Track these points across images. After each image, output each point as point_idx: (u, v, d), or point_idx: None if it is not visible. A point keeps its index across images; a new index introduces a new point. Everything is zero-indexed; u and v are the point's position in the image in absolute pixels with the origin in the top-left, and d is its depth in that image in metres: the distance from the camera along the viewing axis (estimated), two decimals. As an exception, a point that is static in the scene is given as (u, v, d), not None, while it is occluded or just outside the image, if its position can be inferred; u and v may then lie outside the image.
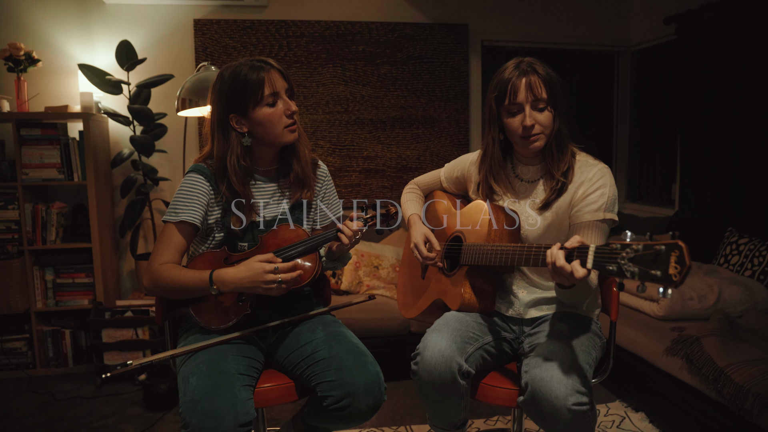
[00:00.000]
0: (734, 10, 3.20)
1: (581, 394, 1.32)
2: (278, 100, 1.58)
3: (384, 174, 3.91)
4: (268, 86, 1.55)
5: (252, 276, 1.48)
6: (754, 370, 2.13)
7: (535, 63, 1.57)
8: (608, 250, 1.14)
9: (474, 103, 3.97)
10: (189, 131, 3.48)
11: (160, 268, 1.55)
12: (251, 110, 1.56)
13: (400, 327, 3.13)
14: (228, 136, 1.59)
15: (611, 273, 1.12)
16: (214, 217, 1.63)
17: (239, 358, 1.51)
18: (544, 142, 1.59)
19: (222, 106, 1.58)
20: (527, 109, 1.55)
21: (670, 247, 1.03)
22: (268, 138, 1.60)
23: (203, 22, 3.52)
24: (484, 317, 1.65)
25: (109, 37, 3.39)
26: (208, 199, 1.61)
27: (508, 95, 1.56)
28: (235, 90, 1.55)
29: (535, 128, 1.56)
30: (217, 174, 1.60)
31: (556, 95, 1.56)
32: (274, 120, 1.58)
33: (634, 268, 1.08)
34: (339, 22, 3.71)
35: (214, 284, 1.50)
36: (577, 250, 1.22)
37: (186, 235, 1.60)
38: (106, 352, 3.08)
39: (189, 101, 2.46)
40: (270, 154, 1.68)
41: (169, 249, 1.58)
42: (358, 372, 1.47)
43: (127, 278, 3.58)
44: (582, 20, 4.06)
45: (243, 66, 1.56)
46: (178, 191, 1.61)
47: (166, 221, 1.60)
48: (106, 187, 3.38)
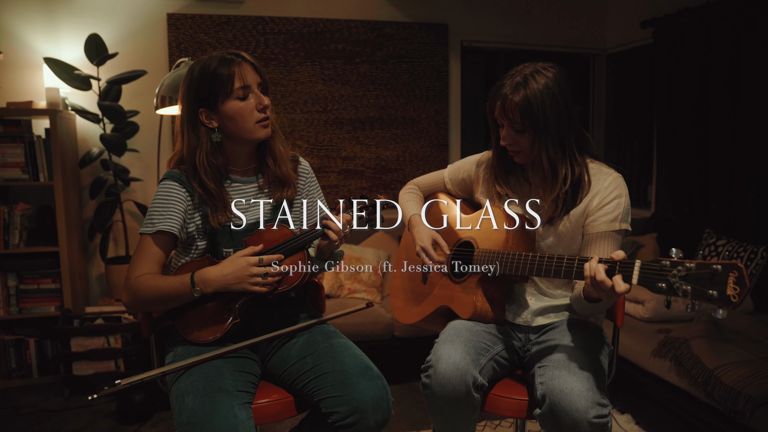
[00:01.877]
0: (711, 15, 3.26)
1: (601, 406, 1.29)
2: (249, 94, 1.51)
3: (363, 175, 3.84)
4: (239, 79, 1.48)
5: (236, 271, 1.41)
6: (743, 371, 2.16)
7: (525, 81, 1.46)
8: (657, 267, 1.11)
9: (453, 103, 3.95)
10: (164, 130, 3.34)
11: (138, 280, 1.46)
12: (221, 104, 1.49)
13: (384, 331, 3.08)
14: (197, 131, 1.51)
15: (660, 290, 1.10)
16: (194, 224, 1.54)
17: (236, 374, 1.42)
18: (528, 160, 1.56)
19: (191, 101, 1.50)
20: (505, 126, 1.52)
21: (727, 267, 1.02)
22: (239, 134, 1.52)
23: (177, 17, 3.38)
24: (495, 326, 1.60)
25: (77, 29, 3.21)
26: (185, 206, 1.52)
27: (490, 107, 1.55)
28: (204, 83, 1.48)
29: (513, 146, 1.53)
30: (188, 172, 1.52)
31: (535, 120, 1.45)
32: (244, 114, 1.50)
33: (687, 287, 1.06)
34: (318, 19, 3.63)
35: (196, 285, 1.41)
36: (619, 264, 1.19)
37: (164, 246, 1.51)
38: (75, 362, 2.91)
39: (169, 99, 2.34)
40: (245, 152, 1.59)
41: (146, 261, 1.48)
42: (365, 386, 1.39)
43: (96, 283, 3.42)
44: (559, 23, 4.09)
45: (213, 59, 1.49)
46: (154, 201, 1.52)
47: (143, 233, 1.51)
48: (74, 188, 3.21)
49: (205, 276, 1.42)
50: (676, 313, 2.74)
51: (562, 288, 1.62)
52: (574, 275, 1.32)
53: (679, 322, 2.73)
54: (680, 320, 2.75)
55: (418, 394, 2.87)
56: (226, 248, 1.54)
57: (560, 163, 1.49)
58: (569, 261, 1.34)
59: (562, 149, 1.50)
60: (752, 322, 2.59)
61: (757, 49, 3.02)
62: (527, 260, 1.44)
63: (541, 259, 1.41)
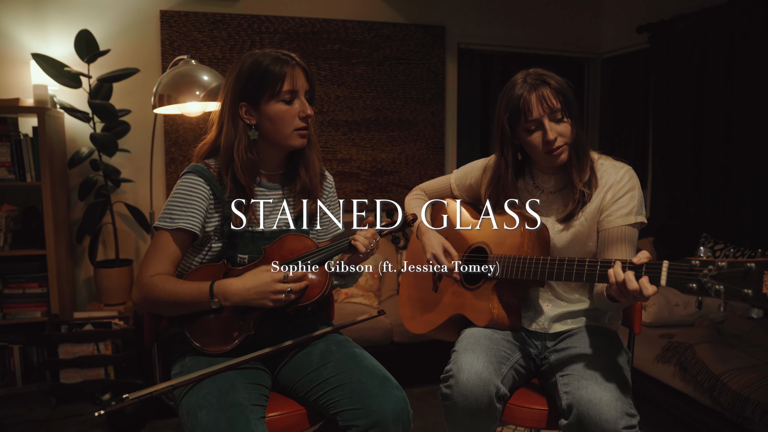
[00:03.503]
0: (707, 21, 3.27)
1: (630, 416, 1.26)
2: (295, 99, 1.45)
3: (358, 177, 3.79)
4: (289, 82, 1.42)
5: (259, 286, 1.34)
6: (750, 377, 2.15)
7: (542, 73, 1.50)
8: (687, 267, 1.07)
9: (450, 106, 3.91)
10: (158, 130, 3.25)
11: (152, 280, 1.39)
12: (264, 103, 1.43)
13: (383, 337, 3.03)
14: (236, 124, 1.46)
15: (691, 291, 1.06)
16: (212, 224, 1.47)
17: (249, 386, 1.35)
18: (569, 153, 1.53)
19: (236, 93, 1.45)
20: (546, 122, 1.48)
21: (762, 265, 0.98)
22: (275, 137, 1.47)
23: (170, 14, 3.29)
24: (512, 333, 1.56)
25: (66, 25, 3.11)
26: (207, 204, 1.45)
27: (522, 113, 1.49)
28: (253, 78, 1.42)
29: (558, 140, 1.50)
30: (222, 166, 1.46)
31: (569, 103, 1.49)
32: (285, 119, 1.44)
33: (719, 286, 1.02)
34: (314, 19, 3.57)
35: (215, 297, 1.35)
36: (646, 267, 1.15)
37: (182, 244, 1.44)
38: (63, 370, 2.81)
39: (167, 97, 2.27)
40: (276, 157, 1.54)
41: (162, 260, 1.41)
42: (384, 398, 1.34)
43: (84, 287, 3.31)
44: (555, 27, 4.08)
45: (266, 55, 1.43)
46: (174, 194, 1.45)
47: (160, 228, 1.43)
48: (62, 189, 3.10)
49: (226, 289, 1.36)
50: (677, 317, 2.73)
51: (579, 291, 1.59)
52: (598, 278, 1.29)
53: (681, 327, 2.73)
54: (681, 325, 2.75)
55: (417, 401, 2.82)
56: (241, 254, 1.47)
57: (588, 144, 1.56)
58: (591, 264, 1.31)
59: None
60: (753, 326, 2.59)
61: (753, 56, 3.04)
62: (546, 264, 1.41)
63: (561, 262, 1.37)
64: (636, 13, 3.84)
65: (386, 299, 3.44)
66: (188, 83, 2.29)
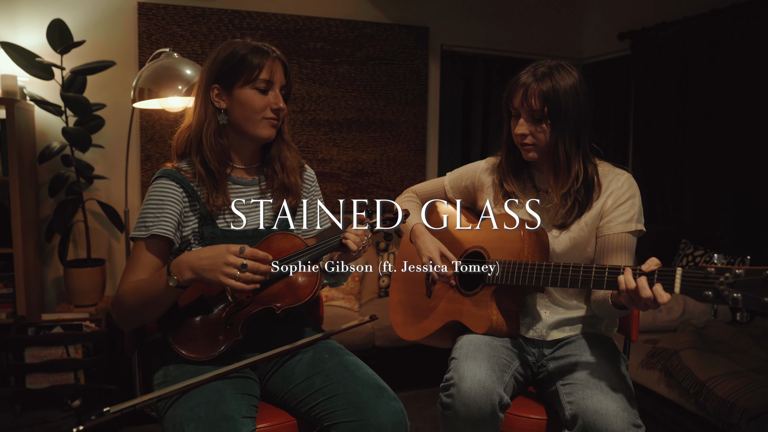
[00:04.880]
0: (688, 30, 3.31)
1: (636, 427, 1.23)
2: (270, 91, 1.41)
3: (339, 178, 3.72)
4: (267, 72, 1.39)
5: (212, 257, 1.24)
6: (735, 383, 2.16)
7: (550, 72, 1.44)
8: (702, 274, 1.05)
9: (432, 107, 3.88)
10: (135, 125, 3.13)
11: (121, 289, 1.33)
12: (237, 86, 1.39)
13: (365, 341, 2.98)
14: (207, 107, 1.41)
15: (707, 299, 1.03)
16: (190, 228, 1.40)
17: (239, 397, 1.28)
18: (538, 155, 1.51)
19: (210, 75, 1.40)
20: (523, 116, 1.48)
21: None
22: (243, 124, 1.41)
23: (148, 6, 3.18)
24: (510, 340, 1.52)
25: (38, 14, 2.98)
26: (181, 207, 1.39)
27: (508, 96, 1.51)
28: (230, 62, 1.38)
29: (527, 139, 1.48)
30: (191, 148, 1.42)
31: (556, 111, 1.43)
32: (255, 106, 1.39)
33: (737, 294, 0.99)
34: (297, 16, 3.50)
35: (171, 273, 1.27)
36: (658, 274, 1.12)
37: (159, 252, 1.37)
38: (30, 375, 2.67)
39: (148, 91, 2.17)
40: (248, 149, 1.48)
41: (137, 271, 1.35)
42: (382, 410, 1.27)
43: (52, 287, 3.16)
44: (537, 31, 4.09)
45: (247, 45, 1.40)
46: (146, 201, 1.38)
47: (135, 238, 1.36)
48: (31, 185, 2.96)
49: (181, 260, 1.27)
50: (660, 323, 2.75)
51: (577, 297, 1.56)
52: (606, 285, 1.26)
53: (663, 332, 2.74)
54: (664, 330, 2.76)
55: (400, 407, 2.76)
56: None
57: (575, 157, 1.48)
58: (599, 271, 1.28)
59: (577, 145, 1.48)
60: (734, 332, 2.62)
61: (732, 64, 3.08)
62: (549, 270, 1.37)
63: (565, 268, 1.34)
64: (618, 20, 3.87)
65: (367, 302, 3.39)
66: (170, 77, 2.20)
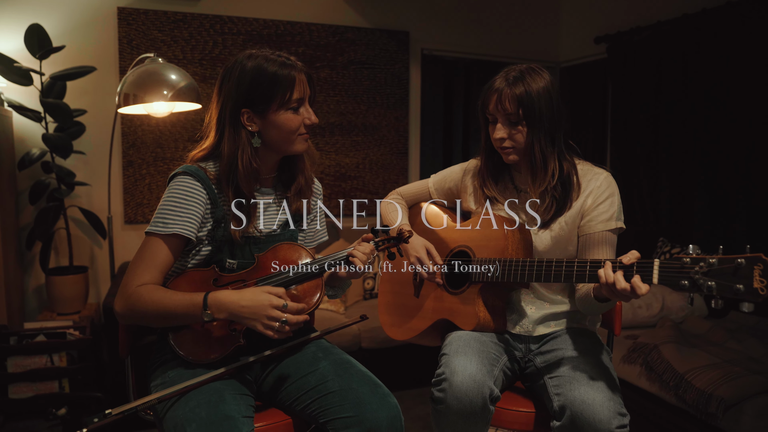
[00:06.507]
0: (662, 34, 3.41)
1: (622, 416, 1.28)
2: (301, 107, 1.41)
3: (322, 182, 3.70)
4: (298, 91, 1.37)
5: (255, 306, 1.26)
6: (713, 374, 2.23)
7: (522, 76, 1.49)
8: (678, 265, 1.09)
9: (413, 111, 3.93)
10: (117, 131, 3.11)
11: (139, 291, 1.30)
12: (272, 111, 1.37)
13: (351, 343, 3.00)
14: (239, 132, 1.38)
15: (683, 288, 1.08)
16: (206, 229, 1.41)
17: (237, 397, 1.29)
18: (519, 157, 1.55)
19: (238, 98, 1.37)
20: (499, 121, 1.52)
21: (751, 260, 1.01)
22: (278, 144, 1.42)
23: (129, 11, 3.17)
24: (497, 336, 1.56)
25: (16, 18, 2.95)
26: (204, 209, 1.38)
27: (483, 102, 1.55)
28: (259, 86, 1.35)
29: (506, 142, 1.53)
30: (222, 175, 1.39)
31: (531, 113, 1.48)
32: (292, 126, 1.39)
33: (711, 282, 1.04)
34: (278, 21, 3.51)
35: (208, 308, 1.27)
36: (637, 266, 1.17)
37: (175, 250, 1.36)
38: (13, 385, 2.64)
39: (133, 97, 2.17)
40: (273, 161, 1.48)
41: (151, 268, 1.33)
42: (378, 406, 1.30)
43: (33, 296, 3.12)
44: (515, 36, 4.17)
45: (271, 61, 1.36)
46: (168, 197, 1.36)
47: (152, 233, 1.34)
48: (10, 192, 2.92)
49: (221, 300, 1.27)
50: (640, 319, 2.82)
51: (561, 292, 1.61)
52: (588, 279, 1.31)
53: (643, 328, 2.81)
54: (643, 326, 2.83)
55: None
56: (231, 259, 1.41)
57: (550, 156, 1.52)
58: (581, 265, 1.32)
59: (552, 144, 1.52)
60: (710, 326, 2.70)
61: (704, 66, 3.18)
62: (533, 266, 1.42)
63: (548, 264, 1.39)
64: (593, 24, 3.96)
65: (352, 305, 3.41)
66: (155, 82, 2.20)
